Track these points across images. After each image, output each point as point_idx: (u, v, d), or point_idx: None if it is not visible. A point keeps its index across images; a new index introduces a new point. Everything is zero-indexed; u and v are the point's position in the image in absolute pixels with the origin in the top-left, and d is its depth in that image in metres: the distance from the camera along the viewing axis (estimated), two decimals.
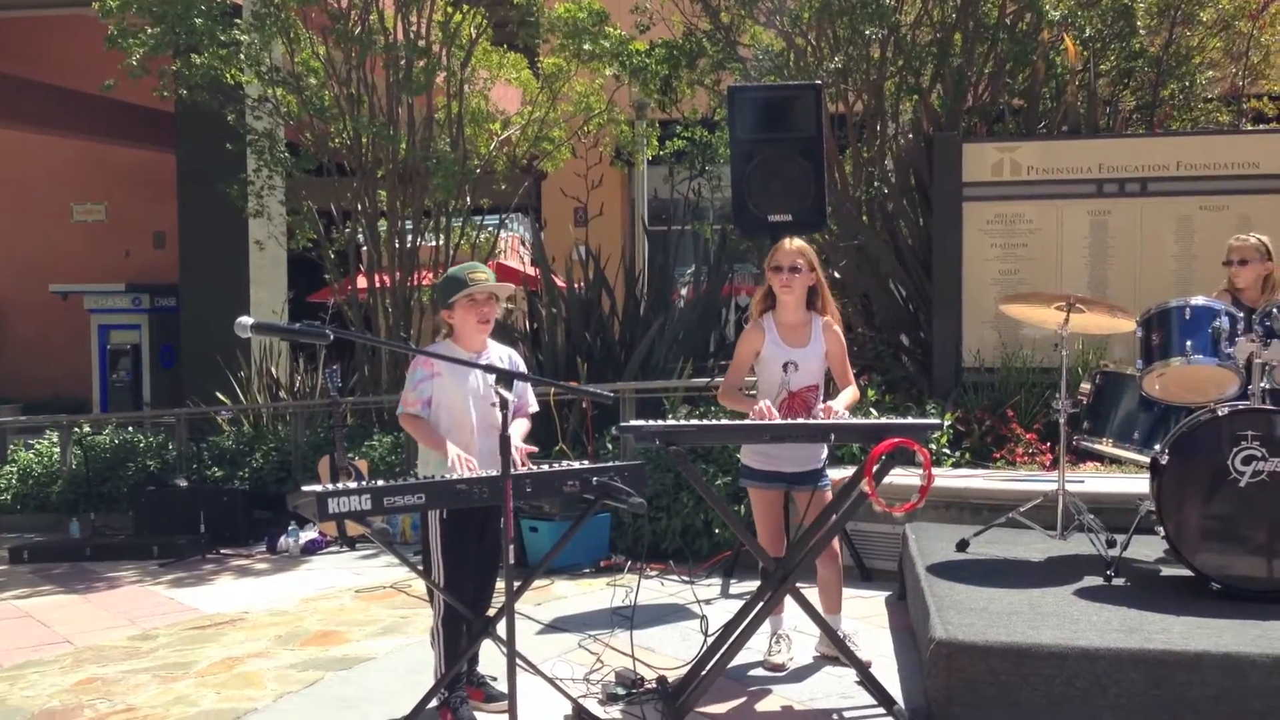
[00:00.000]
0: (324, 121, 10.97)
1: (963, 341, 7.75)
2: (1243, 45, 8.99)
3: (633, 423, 4.31)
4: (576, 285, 10.13)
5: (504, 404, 3.50)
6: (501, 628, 3.60)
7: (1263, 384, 4.62)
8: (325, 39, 10.98)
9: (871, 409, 7.18)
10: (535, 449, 4.28)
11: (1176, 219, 7.47)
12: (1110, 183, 7.58)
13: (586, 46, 10.83)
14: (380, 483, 3.72)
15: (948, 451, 6.91)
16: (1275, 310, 4.57)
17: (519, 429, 4.35)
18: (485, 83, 12.45)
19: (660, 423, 4.28)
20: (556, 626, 5.53)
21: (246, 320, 3.26)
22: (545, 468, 4.15)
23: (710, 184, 12.00)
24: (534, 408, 4.54)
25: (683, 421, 4.36)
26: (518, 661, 3.57)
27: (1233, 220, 7.09)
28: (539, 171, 13.26)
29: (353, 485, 3.64)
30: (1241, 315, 4.65)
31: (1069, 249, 7.68)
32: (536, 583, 6.19)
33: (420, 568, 4.35)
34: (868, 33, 8.82)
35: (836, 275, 9.76)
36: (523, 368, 4.61)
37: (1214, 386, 4.67)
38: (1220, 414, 4.40)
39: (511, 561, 3.56)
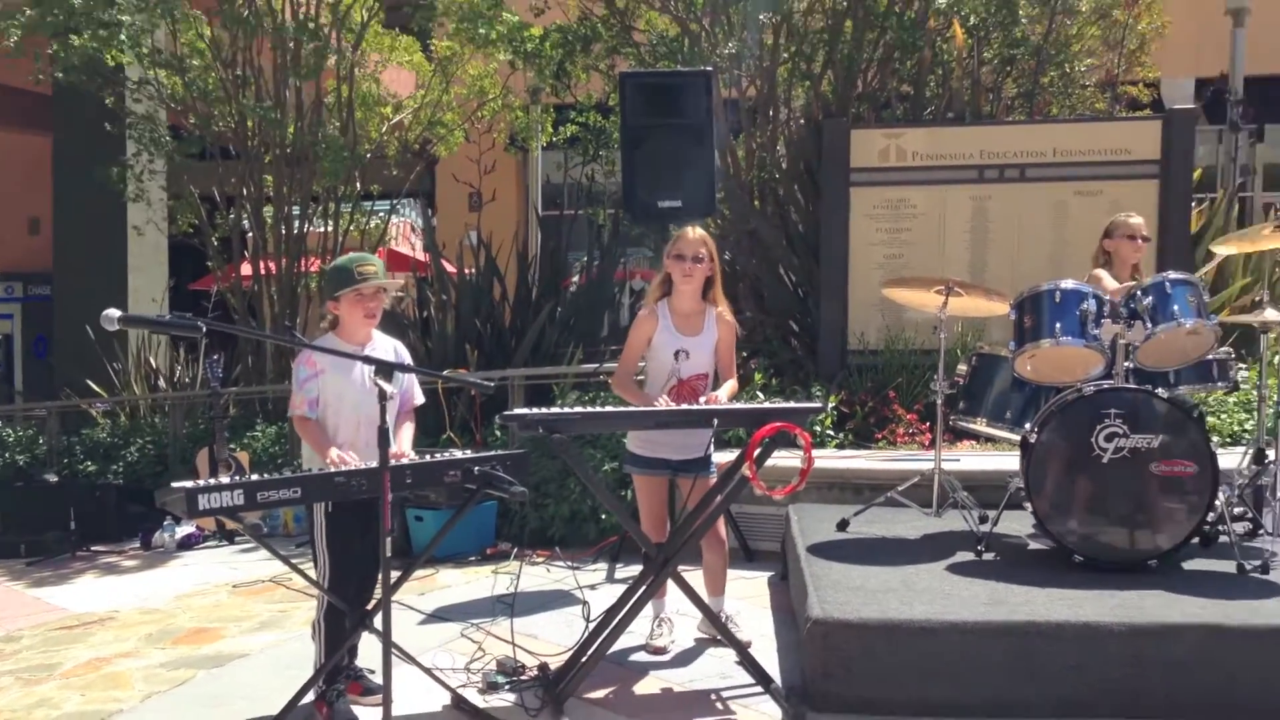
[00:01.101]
0: (208, 105, 10.69)
1: (848, 325, 7.86)
2: (1119, 34, 9.25)
3: (516, 411, 4.29)
4: (468, 272, 10.03)
5: (383, 396, 3.44)
6: (380, 620, 3.54)
7: (1127, 364, 4.76)
8: (211, 20, 10.69)
9: (759, 392, 7.24)
10: (413, 457, 4.21)
11: (1053, 204, 7.65)
12: (991, 168, 7.75)
13: (481, 31, 10.71)
14: (254, 477, 3.63)
15: (832, 433, 7.00)
16: (1139, 293, 4.71)
17: (406, 433, 4.28)
18: (377, 66, 12.25)
19: (544, 410, 4.27)
20: (439, 616, 5.47)
21: (113, 313, 3.17)
22: (428, 457, 4.11)
23: (604, 169, 11.98)
24: (419, 401, 4.48)
25: (566, 409, 4.34)
26: (395, 653, 3.53)
27: (1105, 205, 7.29)
28: (431, 156, 13.09)
29: (225, 480, 3.54)
30: (1107, 298, 4.79)
31: (952, 233, 7.82)
32: (421, 572, 6.14)
33: (295, 562, 4.26)
34: (761, 19, 8.88)
35: (727, 258, 9.84)
36: (408, 361, 4.54)
37: (1081, 366, 4.80)
38: (1086, 393, 4.53)
39: (391, 554, 3.51)
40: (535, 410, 4.26)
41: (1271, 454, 5.00)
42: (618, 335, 9.45)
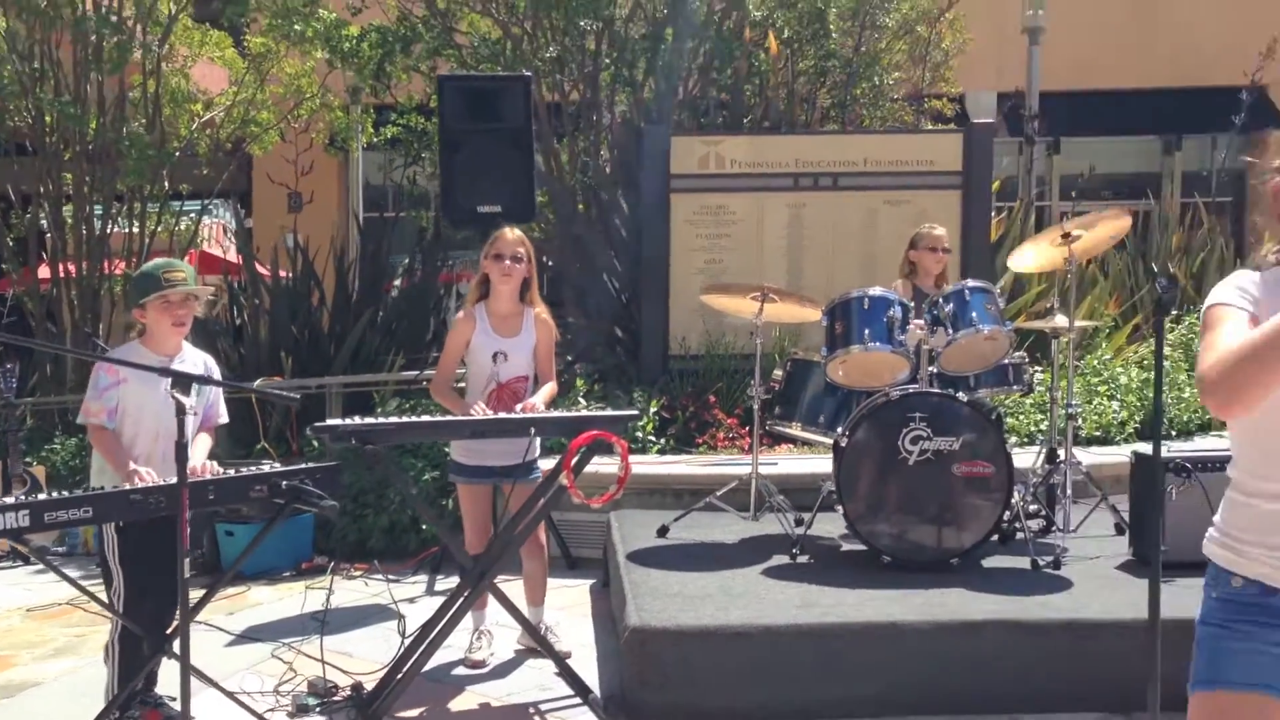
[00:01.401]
0: (3, 99, 10.08)
1: (670, 330, 7.93)
2: (923, 49, 9.63)
3: (328, 422, 4.17)
4: (284, 275, 9.73)
5: (180, 410, 3.28)
6: (179, 643, 3.38)
7: (931, 369, 4.95)
8: (6, 11, 10.07)
9: (581, 398, 7.24)
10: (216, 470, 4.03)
11: (864, 212, 7.90)
12: (806, 177, 7.94)
13: (296, 27, 10.40)
14: (43, 496, 3.41)
15: (653, 438, 7.05)
16: (942, 300, 4.90)
17: (202, 446, 4.10)
18: (186, 61, 11.75)
19: (356, 421, 4.17)
20: (249, 636, 5.27)
21: None
22: (233, 472, 3.94)
23: (426, 172, 11.80)
24: (223, 419, 4.29)
25: (379, 419, 4.23)
26: (197, 677, 3.38)
27: (913, 214, 7.55)
28: (245, 155, 12.65)
29: (11, 500, 3.31)
30: (912, 305, 4.96)
31: (769, 240, 7.98)
32: (230, 590, 5.92)
33: (89, 583, 4.04)
34: (582, 24, 8.89)
35: (550, 263, 9.82)
36: (218, 376, 4.35)
37: (889, 371, 4.96)
38: (892, 397, 4.68)
39: (201, 571, 3.35)
40: (347, 421, 4.16)
41: (1063, 454, 5.28)
42: (442, 340, 9.29)
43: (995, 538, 4.84)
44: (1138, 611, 3.39)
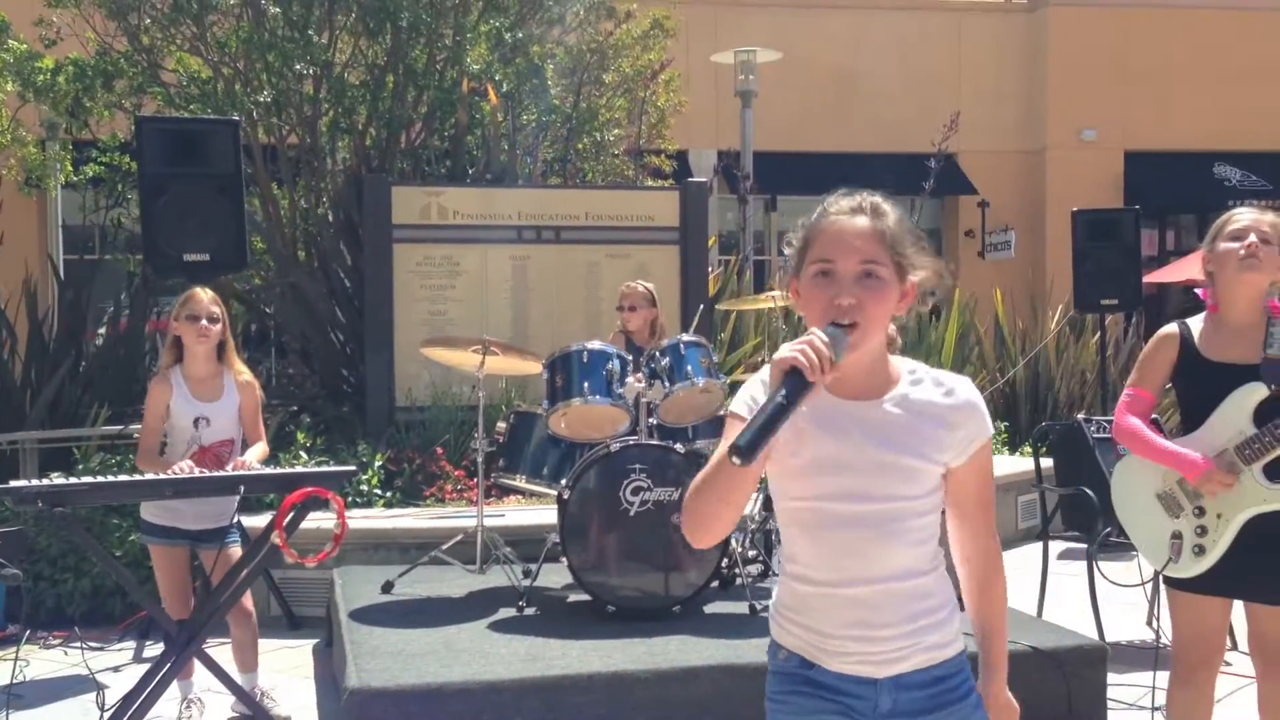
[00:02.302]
0: None
1: (395, 381, 7.82)
2: (639, 108, 9.99)
3: (11, 484, 3.89)
4: None
5: None
6: None
7: (651, 420, 5.10)
8: None
9: (302, 452, 7.02)
10: None
11: (587, 265, 8.07)
12: (529, 229, 8.05)
13: None
14: None
15: (379, 492, 6.92)
16: (658, 353, 5.07)
17: None
18: None
19: (45, 482, 3.90)
20: None
21: None
22: None
23: (132, 214, 11.17)
24: None
25: (70, 480, 3.98)
26: None
27: (634, 268, 7.79)
28: None
29: None
30: (630, 358, 5.11)
31: (494, 292, 8.02)
32: None
33: None
34: (298, 68, 8.69)
35: (269, 312, 9.50)
36: None
37: (609, 423, 5.08)
38: (613, 449, 4.80)
39: None
40: (34, 482, 3.89)
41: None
42: None
43: (715, 584, 5.03)
44: None
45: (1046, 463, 6.21)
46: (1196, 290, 3.44)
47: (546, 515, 6.10)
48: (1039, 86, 18.04)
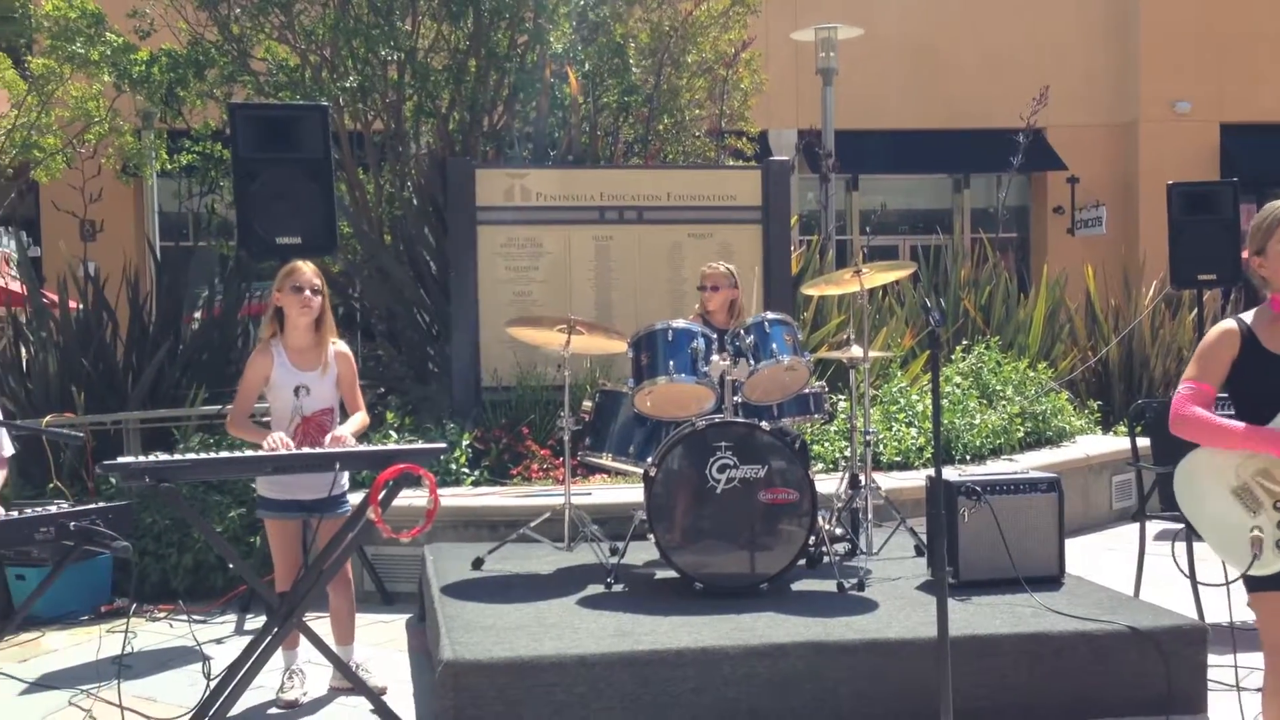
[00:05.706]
0: None
1: (481, 362, 7.91)
2: (721, 88, 9.93)
3: (119, 460, 4.01)
4: (74, 306, 9.25)
5: None
6: None
7: (736, 399, 5.11)
8: None
9: (391, 431, 7.15)
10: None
11: (669, 245, 8.07)
12: (611, 210, 8.06)
13: (79, 50, 9.95)
14: None
15: (467, 470, 7.01)
16: (742, 332, 5.07)
17: None
18: None
19: (148, 459, 4.02)
20: (44, 684, 4.99)
21: None
22: (16, 514, 3.75)
23: (225, 200, 11.43)
24: (8, 451, 4.10)
25: (174, 456, 4.10)
26: None
27: (716, 248, 7.77)
28: (27, 182, 12.00)
29: None
30: (714, 336, 5.12)
31: (578, 272, 8.06)
32: (24, 636, 5.64)
33: None
34: (383, 54, 8.80)
35: (357, 294, 9.66)
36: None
37: (695, 402, 5.09)
38: (699, 427, 4.81)
39: None
40: (140, 458, 4.02)
41: (864, 479, 5.52)
42: None
43: (803, 562, 5.03)
44: (936, 630, 3.57)
45: (1143, 442, 6.07)
46: None
47: (633, 494, 6.15)
48: (1130, 58, 17.62)
